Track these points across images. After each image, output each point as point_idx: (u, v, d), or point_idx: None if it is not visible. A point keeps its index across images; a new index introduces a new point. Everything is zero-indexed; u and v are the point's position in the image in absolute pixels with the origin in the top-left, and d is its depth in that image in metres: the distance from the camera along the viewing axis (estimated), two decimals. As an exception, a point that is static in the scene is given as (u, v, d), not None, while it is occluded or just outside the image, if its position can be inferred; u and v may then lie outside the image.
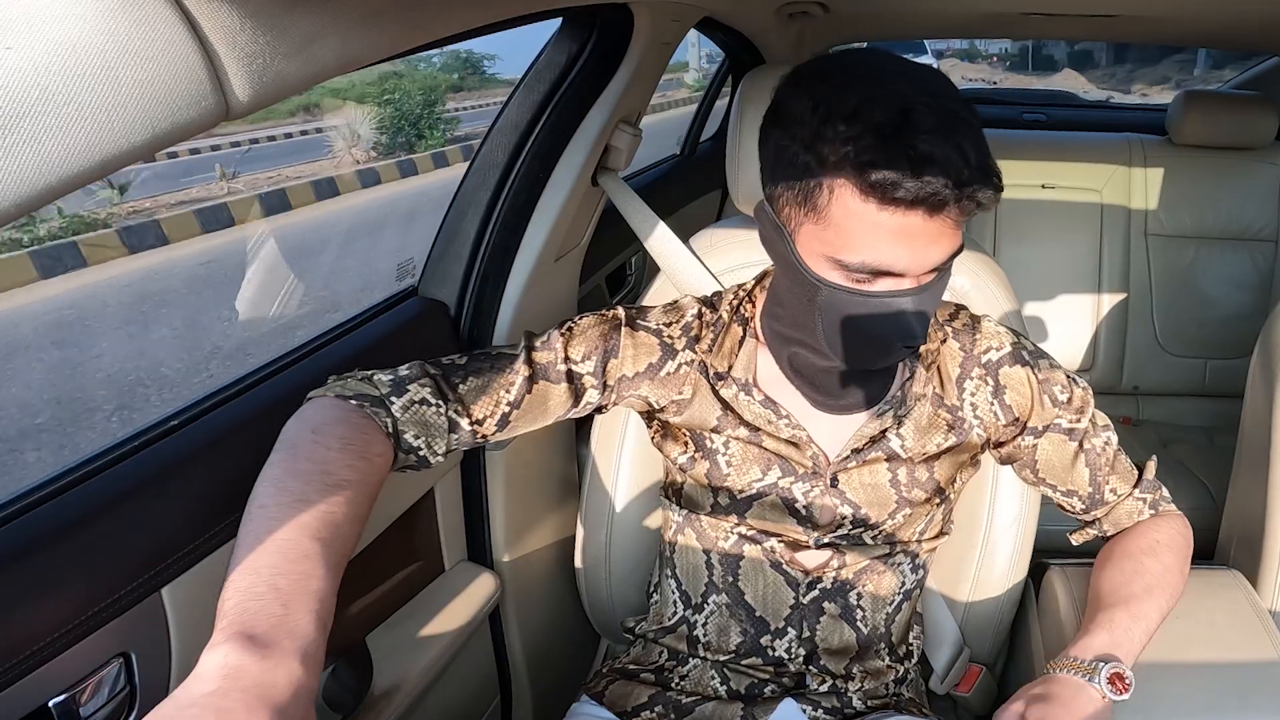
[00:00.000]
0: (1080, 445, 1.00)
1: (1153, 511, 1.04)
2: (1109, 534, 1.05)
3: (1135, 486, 1.03)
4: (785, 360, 0.97)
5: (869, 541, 1.01)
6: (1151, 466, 1.05)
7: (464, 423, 0.90)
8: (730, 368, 0.99)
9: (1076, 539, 1.09)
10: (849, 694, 1.03)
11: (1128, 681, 0.86)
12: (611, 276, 1.90)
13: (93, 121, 0.45)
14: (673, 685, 1.05)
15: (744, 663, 1.03)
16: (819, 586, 1.02)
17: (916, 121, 0.73)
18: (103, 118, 0.45)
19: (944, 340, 1.00)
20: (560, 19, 1.24)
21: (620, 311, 1.01)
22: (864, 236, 0.78)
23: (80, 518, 0.74)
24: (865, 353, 0.88)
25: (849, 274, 0.81)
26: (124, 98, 0.46)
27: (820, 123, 0.77)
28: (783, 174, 0.83)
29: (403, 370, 0.89)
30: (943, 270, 0.83)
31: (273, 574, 0.63)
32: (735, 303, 1.03)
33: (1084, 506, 1.04)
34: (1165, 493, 1.05)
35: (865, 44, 2.56)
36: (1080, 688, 0.86)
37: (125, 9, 0.45)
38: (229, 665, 0.57)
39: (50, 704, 0.69)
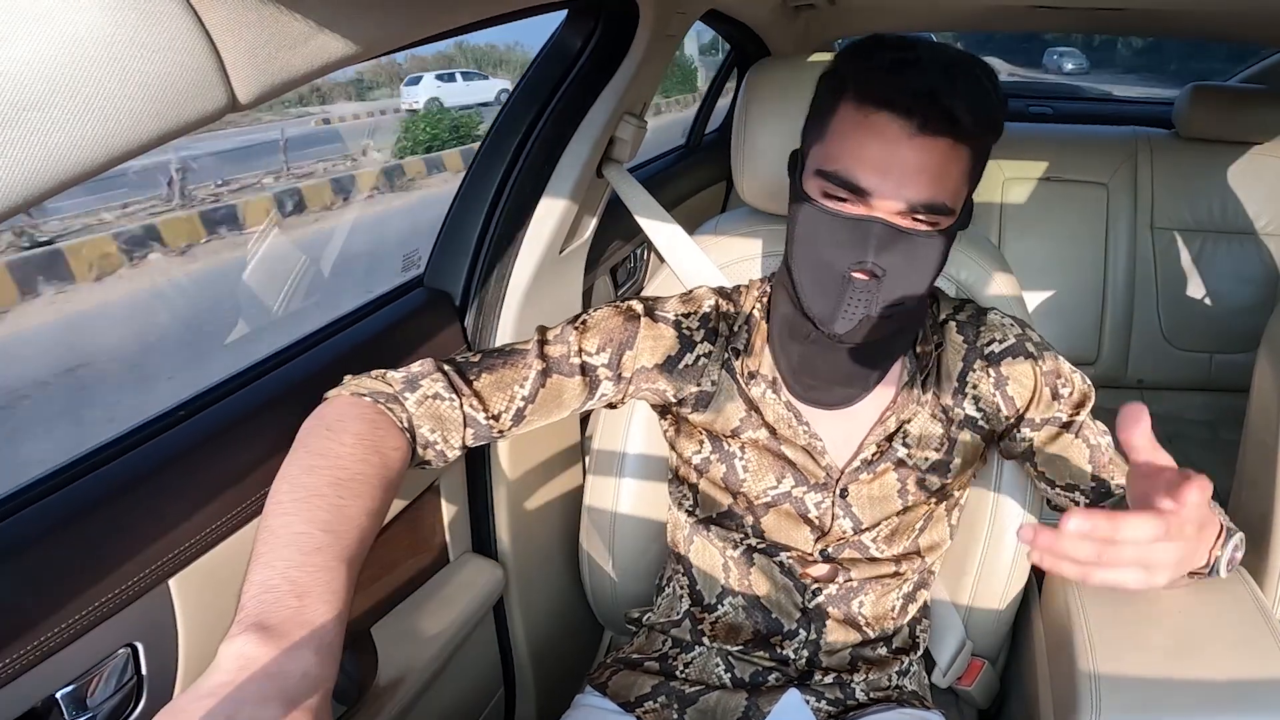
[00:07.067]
0: (1077, 436, 0.98)
1: None
2: None
3: None
4: (781, 331, 0.97)
5: (876, 553, 1.01)
6: None
7: (480, 417, 0.91)
8: (760, 366, 0.99)
9: None
10: (852, 685, 1.04)
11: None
12: (617, 269, 1.90)
13: (99, 114, 0.45)
14: (677, 674, 1.05)
15: (750, 654, 1.04)
16: (824, 593, 1.02)
17: (922, 55, 0.81)
18: (109, 110, 0.45)
19: (940, 345, 0.99)
20: (565, 11, 1.23)
21: (636, 304, 1.01)
22: (847, 140, 0.83)
23: (88, 508, 0.74)
24: (821, 278, 0.86)
25: (827, 187, 0.84)
26: (130, 90, 0.46)
27: (844, 62, 0.86)
28: (812, 112, 0.90)
29: (415, 367, 0.90)
30: (925, 229, 0.83)
31: (286, 567, 0.65)
32: (762, 297, 1.02)
33: (1089, 502, 1.01)
34: None
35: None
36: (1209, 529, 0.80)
37: (131, 2, 0.45)
38: (244, 656, 0.58)
39: (58, 694, 0.70)
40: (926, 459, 0.99)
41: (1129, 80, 10.12)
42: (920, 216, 0.82)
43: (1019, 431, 0.99)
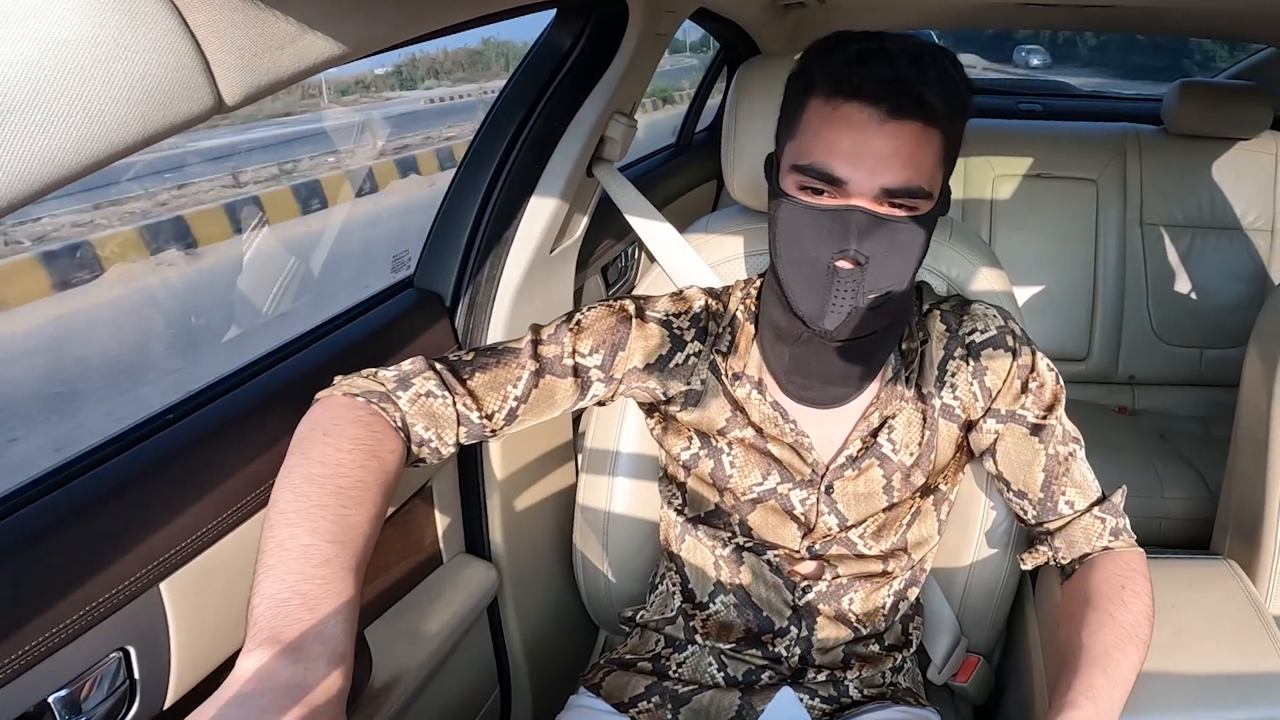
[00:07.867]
0: (1041, 441, 0.97)
1: (1112, 538, 0.96)
2: (1062, 557, 0.98)
3: (1095, 505, 0.97)
4: (770, 334, 0.97)
5: (864, 550, 1.01)
6: (1120, 494, 0.98)
7: (473, 415, 0.90)
8: (745, 366, 0.99)
9: (1027, 562, 1.01)
10: (846, 683, 1.04)
11: None
12: (608, 268, 1.90)
13: (84, 116, 0.45)
14: (670, 674, 1.05)
15: (743, 653, 1.04)
16: (815, 589, 1.02)
17: (888, 45, 0.82)
18: (95, 112, 0.45)
19: (925, 340, 1.00)
20: (555, 10, 1.23)
21: (628, 303, 1.01)
22: (819, 133, 0.84)
23: (79, 511, 0.74)
24: (806, 272, 0.87)
25: (804, 181, 0.85)
26: (115, 92, 0.46)
27: (809, 61, 0.87)
28: (782, 114, 0.91)
29: (406, 365, 0.89)
30: (904, 215, 0.84)
31: (296, 580, 0.66)
32: (746, 299, 1.02)
33: (1035, 514, 0.99)
34: (1129, 525, 0.97)
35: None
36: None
37: (116, 3, 0.45)
38: (262, 669, 0.60)
39: (50, 699, 0.69)
40: (911, 454, 0.99)
41: (1085, 73, 10.81)
42: (898, 202, 0.83)
43: (985, 422, 0.99)
